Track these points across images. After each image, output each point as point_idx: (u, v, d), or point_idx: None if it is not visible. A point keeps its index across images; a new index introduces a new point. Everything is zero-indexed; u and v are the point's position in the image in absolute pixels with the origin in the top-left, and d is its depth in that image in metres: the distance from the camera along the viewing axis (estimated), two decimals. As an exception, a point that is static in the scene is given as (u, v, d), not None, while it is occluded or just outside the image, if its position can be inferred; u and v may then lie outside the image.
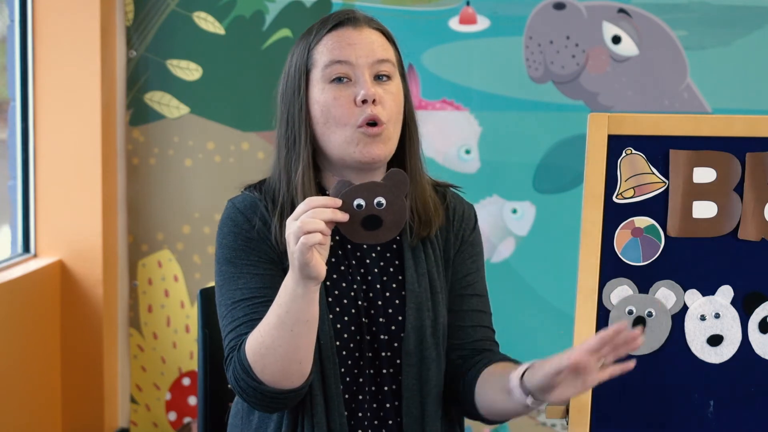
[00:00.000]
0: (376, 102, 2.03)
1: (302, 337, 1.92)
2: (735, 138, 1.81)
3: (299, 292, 1.88)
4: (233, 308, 2.03)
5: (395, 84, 2.08)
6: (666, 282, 1.82)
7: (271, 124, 4.25)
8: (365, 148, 2.03)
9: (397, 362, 2.08)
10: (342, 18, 2.09)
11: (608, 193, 1.81)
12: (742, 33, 3.98)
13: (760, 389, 1.83)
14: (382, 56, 2.07)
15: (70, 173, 3.97)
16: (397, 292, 2.10)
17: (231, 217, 2.09)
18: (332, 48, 2.06)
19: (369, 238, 1.87)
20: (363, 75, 2.05)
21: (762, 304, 1.83)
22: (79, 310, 3.99)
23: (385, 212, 1.85)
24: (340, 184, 1.86)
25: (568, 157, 4.03)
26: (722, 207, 1.81)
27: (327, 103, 2.05)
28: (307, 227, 1.82)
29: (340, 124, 2.04)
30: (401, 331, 2.08)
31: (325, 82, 2.06)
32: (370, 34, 2.09)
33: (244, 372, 1.96)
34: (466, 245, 2.18)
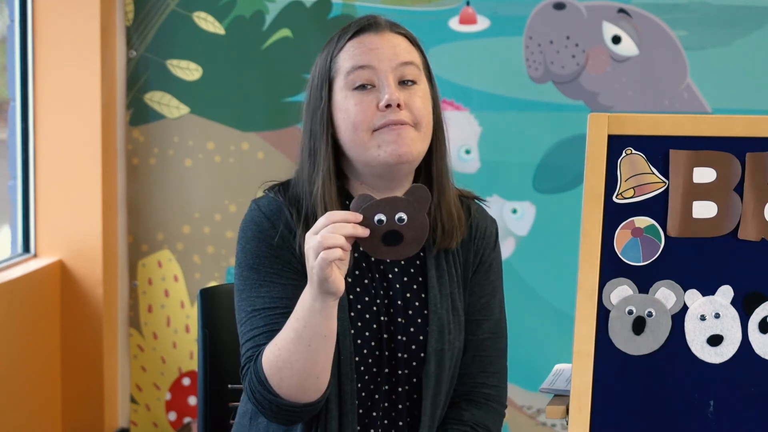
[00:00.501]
0: (401, 106, 1.98)
1: (320, 352, 1.90)
2: (735, 138, 1.81)
3: (317, 307, 1.86)
4: (253, 316, 2.01)
5: (422, 88, 2.04)
6: (666, 282, 1.82)
7: (271, 124, 4.28)
8: (389, 148, 1.98)
9: (413, 381, 2.07)
10: (363, 24, 2.04)
11: (608, 193, 1.81)
12: (742, 33, 3.98)
13: (760, 389, 1.83)
14: (405, 59, 2.02)
15: (70, 173, 3.97)
16: (419, 311, 2.07)
17: (256, 221, 2.06)
18: (354, 54, 2.01)
19: (389, 254, 1.84)
20: (387, 79, 2.00)
21: (762, 304, 1.83)
22: (79, 310, 3.99)
23: (406, 228, 1.83)
24: (360, 198, 1.83)
25: (568, 157, 4.03)
26: (722, 207, 1.81)
27: (350, 110, 2.00)
28: (327, 242, 1.80)
29: (363, 130, 1.99)
30: (421, 350, 2.06)
31: (348, 89, 2.01)
32: (392, 38, 2.03)
33: (261, 384, 1.95)
34: (485, 266, 2.15)
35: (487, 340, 2.14)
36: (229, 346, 2.37)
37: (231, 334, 2.36)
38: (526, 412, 4.13)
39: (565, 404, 1.91)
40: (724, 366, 1.83)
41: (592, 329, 1.82)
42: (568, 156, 4.03)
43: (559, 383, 2.08)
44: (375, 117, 1.99)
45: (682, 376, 1.83)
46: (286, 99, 4.10)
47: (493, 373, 2.15)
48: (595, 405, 1.83)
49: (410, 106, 2.00)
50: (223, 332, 2.39)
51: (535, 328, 4.05)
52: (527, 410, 4.13)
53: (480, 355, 2.14)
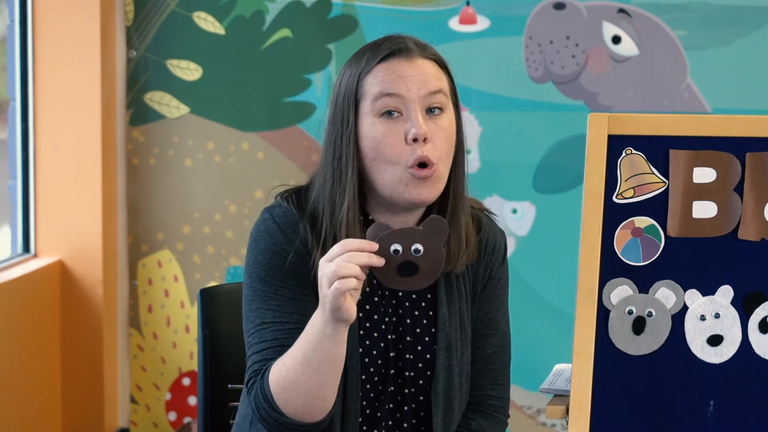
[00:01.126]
0: (427, 140, 1.95)
1: (328, 375, 1.89)
2: (735, 138, 1.81)
3: (328, 332, 1.85)
4: (262, 329, 2.00)
5: (447, 117, 2.00)
6: (666, 282, 1.82)
7: (271, 124, 4.28)
8: (414, 190, 1.96)
9: (420, 399, 2.06)
10: (394, 48, 1.99)
11: (608, 193, 1.81)
12: (742, 33, 3.98)
13: (760, 389, 1.83)
14: (434, 88, 1.99)
15: (70, 173, 3.97)
16: (426, 329, 2.07)
17: (270, 233, 2.02)
18: (383, 80, 1.97)
19: (403, 285, 1.82)
20: (414, 110, 1.96)
21: (762, 304, 1.83)
22: (79, 310, 3.99)
23: (421, 259, 1.81)
24: (377, 227, 1.82)
25: (568, 157, 4.03)
26: (722, 207, 1.81)
27: (376, 139, 1.96)
28: (341, 272, 1.78)
29: (390, 162, 1.96)
30: (428, 369, 2.05)
31: (375, 115, 1.97)
32: (422, 65, 2.00)
33: (266, 402, 1.94)
34: (494, 281, 2.14)
35: (494, 354, 2.14)
36: (229, 346, 2.37)
37: (231, 334, 2.36)
38: (526, 412, 4.13)
39: (565, 404, 1.91)
40: (724, 366, 1.83)
41: (592, 329, 1.82)
42: (568, 156, 4.03)
43: (559, 383, 2.08)
44: (404, 153, 1.96)
45: (682, 376, 1.83)
46: (286, 99, 4.10)
47: (500, 385, 2.15)
48: (595, 405, 1.83)
49: (435, 140, 1.97)
50: (223, 332, 2.38)
51: (535, 328, 4.05)
52: (527, 410, 4.13)
53: (487, 368, 2.14)
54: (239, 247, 4.10)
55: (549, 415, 1.93)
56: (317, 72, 4.08)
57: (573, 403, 1.83)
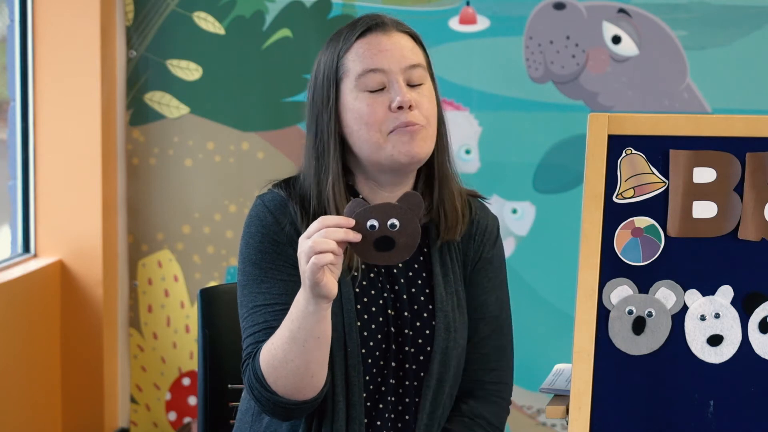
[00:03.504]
0: (412, 107, 2.02)
1: (314, 352, 1.93)
2: (735, 138, 1.81)
3: (310, 309, 1.89)
4: (254, 312, 2.04)
5: (428, 87, 2.07)
6: (666, 282, 1.82)
7: (271, 124, 4.27)
8: (404, 147, 2.01)
9: (421, 375, 2.08)
10: (370, 24, 2.06)
11: (608, 193, 1.81)
12: (742, 33, 3.98)
13: (760, 389, 1.83)
14: (414, 61, 2.05)
15: (70, 173, 3.97)
16: (424, 305, 2.09)
17: (259, 216, 2.07)
18: (364, 56, 2.04)
19: (380, 260, 1.86)
20: (397, 81, 2.02)
21: (762, 304, 1.83)
22: (79, 310, 3.99)
23: (398, 234, 1.84)
24: (354, 203, 1.85)
25: (568, 157, 4.03)
26: (722, 207, 1.81)
27: (361, 111, 2.02)
28: (318, 247, 1.82)
29: (375, 130, 2.02)
30: (428, 345, 2.07)
31: (360, 90, 2.03)
32: (399, 39, 2.06)
33: (258, 382, 1.98)
34: (484, 262, 2.16)
35: (486, 338, 2.15)
36: (229, 346, 2.37)
37: (231, 334, 2.37)
38: (526, 412, 4.13)
39: (565, 404, 1.91)
40: (724, 366, 1.83)
41: (592, 329, 1.82)
42: (568, 156, 4.03)
43: (559, 383, 2.08)
44: (387, 118, 2.02)
45: (682, 376, 1.83)
46: (286, 99, 4.10)
47: (492, 370, 2.16)
48: (595, 405, 1.83)
49: (419, 107, 2.03)
50: (223, 332, 2.39)
51: (535, 328, 4.05)
52: (527, 410, 4.13)
53: (478, 353, 2.15)
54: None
55: (549, 415, 1.93)
56: (317, 72, 4.07)
57: (573, 403, 1.83)
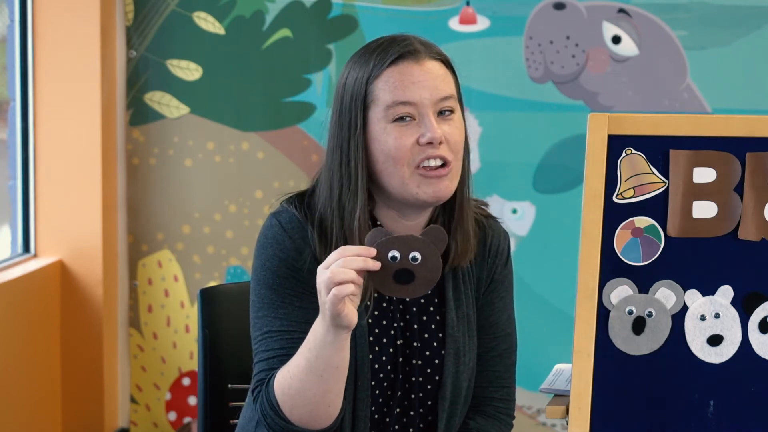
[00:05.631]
0: (443, 142, 1.95)
1: (331, 382, 1.89)
2: (735, 138, 1.81)
3: (329, 339, 1.84)
4: (269, 337, 1.99)
5: (457, 116, 2.00)
6: (666, 282, 1.82)
7: (271, 123, 4.27)
8: (430, 188, 1.95)
9: (428, 403, 2.06)
10: (402, 51, 1.98)
11: (608, 193, 1.81)
12: (742, 33, 3.98)
13: (760, 389, 1.83)
14: (446, 93, 1.98)
15: (70, 173, 3.97)
16: (434, 333, 2.06)
17: (277, 240, 2.00)
18: (395, 86, 1.96)
19: (399, 292, 1.82)
20: (428, 114, 1.95)
21: (762, 304, 1.83)
22: (79, 310, 3.99)
23: (419, 267, 1.80)
24: (375, 232, 1.81)
25: (568, 157, 4.03)
26: (722, 207, 1.81)
27: (389, 143, 1.95)
28: (337, 278, 1.77)
29: (403, 165, 1.95)
30: (436, 374, 2.05)
31: (387, 121, 1.95)
32: (431, 68, 1.99)
33: (272, 410, 1.93)
34: (496, 284, 2.14)
35: (497, 357, 2.13)
36: (229, 346, 2.37)
37: (231, 334, 2.37)
38: (526, 412, 4.13)
39: (565, 404, 1.91)
40: (724, 366, 1.83)
41: (592, 329, 1.82)
42: (568, 156, 4.03)
43: (559, 383, 2.08)
44: (415, 152, 1.95)
45: (682, 376, 1.83)
46: (286, 99, 4.10)
47: (503, 387, 2.14)
48: (595, 405, 1.83)
49: (449, 141, 1.97)
50: (223, 332, 2.38)
51: (535, 328, 4.05)
52: (527, 410, 4.13)
53: (490, 371, 2.13)
54: (239, 247, 4.10)
55: (549, 415, 1.93)
56: (317, 72, 4.08)
57: (573, 403, 1.83)
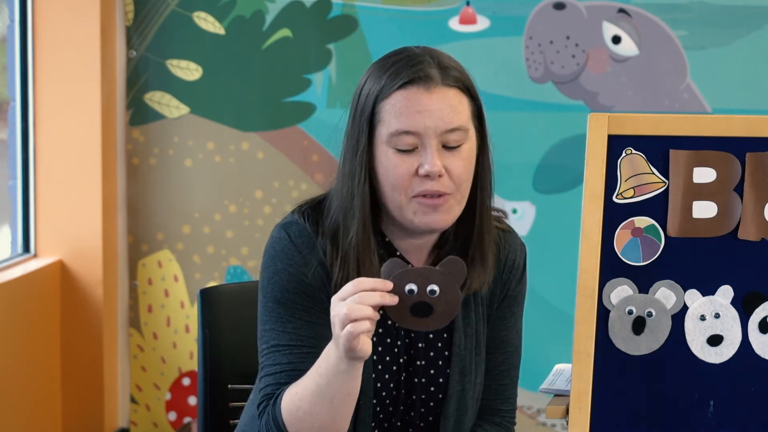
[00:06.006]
0: (442, 175, 1.91)
1: (341, 408, 1.86)
2: (735, 138, 1.81)
3: (342, 368, 1.81)
4: (277, 351, 1.96)
5: (467, 147, 1.96)
6: (666, 282, 1.82)
7: (271, 123, 4.27)
8: (425, 218, 1.92)
9: (429, 419, 2.04)
10: (413, 76, 1.93)
11: (608, 193, 1.81)
12: (742, 33, 3.98)
13: (760, 389, 1.83)
14: (453, 125, 1.93)
15: (70, 173, 3.97)
16: (440, 353, 2.03)
17: (286, 253, 1.97)
18: (400, 113, 1.91)
19: (416, 325, 1.78)
20: (430, 146, 1.91)
21: (762, 304, 1.83)
22: (79, 310, 3.99)
23: (437, 301, 1.76)
24: (392, 263, 1.77)
25: (568, 157, 4.03)
26: (722, 207, 1.81)
27: (388, 169, 1.91)
28: (354, 315, 1.74)
29: (399, 192, 1.91)
30: (439, 392, 2.03)
31: (389, 147, 1.91)
32: (443, 97, 1.94)
33: (278, 429, 1.91)
34: (509, 299, 2.12)
35: (505, 371, 2.11)
36: (229, 346, 2.37)
37: (231, 334, 2.36)
38: (526, 412, 4.13)
39: (565, 404, 1.91)
40: (724, 366, 1.83)
41: (592, 329, 1.82)
42: (568, 156, 4.03)
43: (559, 383, 2.08)
44: (413, 182, 1.91)
45: (682, 376, 1.83)
46: (286, 99, 4.10)
47: (509, 398, 2.13)
48: (595, 405, 1.83)
49: (450, 173, 1.93)
50: (223, 332, 2.38)
51: (535, 328, 4.04)
52: (527, 410, 4.13)
53: (496, 384, 2.11)
54: (239, 247, 4.09)
55: (549, 415, 1.93)
56: (317, 72, 4.08)
57: (573, 403, 1.83)
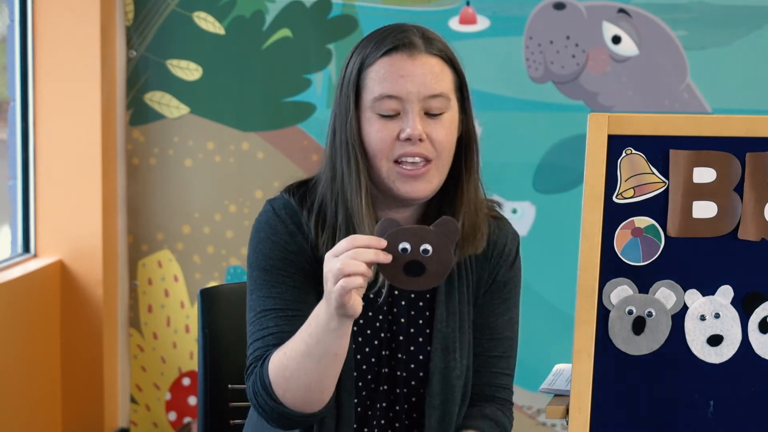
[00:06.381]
0: (423, 140, 1.94)
1: (329, 368, 1.89)
2: (735, 138, 1.81)
3: (332, 326, 1.83)
4: (263, 316, 1.99)
5: (448, 116, 1.99)
6: (666, 282, 1.82)
7: (271, 123, 4.27)
8: (405, 185, 1.96)
9: (412, 400, 2.05)
10: (397, 43, 1.96)
11: (608, 193, 1.81)
12: (742, 33, 3.98)
13: (760, 389, 1.84)
14: (435, 91, 1.96)
15: (70, 173, 3.97)
16: (421, 329, 2.05)
17: (270, 224, 2.02)
18: (383, 78, 1.95)
19: (409, 284, 1.80)
20: (412, 110, 1.94)
21: (762, 304, 1.83)
22: (79, 310, 3.99)
23: (430, 260, 1.77)
24: (386, 222, 1.78)
25: (568, 157, 4.03)
26: (722, 207, 1.81)
27: (371, 135, 1.96)
28: (347, 269, 1.76)
29: (382, 157, 1.95)
30: (421, 370, 2.04)
31: (373, 112, 1.96)
32: (425, 63, 1.97)
33: (264, 390, 1.94)
34: (498, 285, 2.11)
35: (495, 358, 2.11)
36: (229, 346, 2.37)
37: (231, 334, 2.37)
38: (526, 412, 4.13)
39: (565, 404, 1.91)
40: (724, 366, 1.83)
41: (592, 329, 1.82)
42: (568, 156, 4.03)
43: (559, 383, 2.08)
44: (395, 146, 1.95)
45: (682, 376, 1.83)
46: (286, 99, 4.10)
47: (502, 387, 2.12)
48: (595, 405, 1.83)
49: (431, 139, 1.96)
50: (223, 332, 2.39)
51: (535, 328, 4.05)
52: (527, 410, 4.13)
53: (487, 372, 2.11)
54: (239, 247, 4.09)
55: (549, 415, 1.93)
56: (317, 72, 4.08)
57: (573, 403, 1.83)
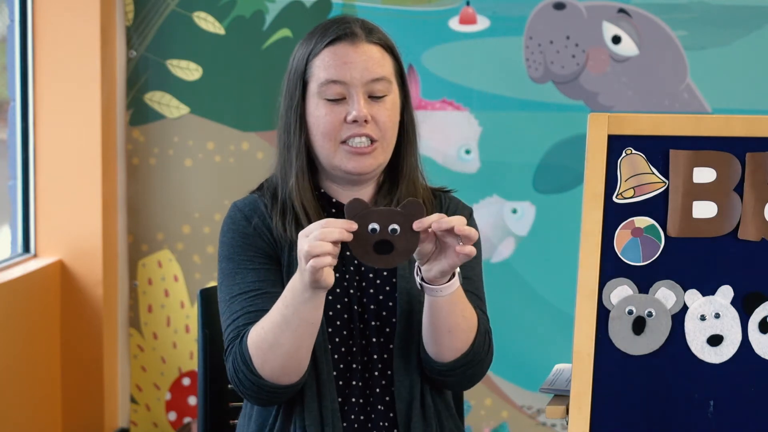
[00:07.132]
0: (368, 121, 2.09)
1: (305, 337, 2.00)
2: (735, 138, 1.81)
3: (306, 296, 1.96)
4: (231, 303, 2.10)
5: (390, 99, 2.13)
6: (666, 282, 1.82)
7: (271, 124, 4.26)
8: (352, 162, 2.10)
9: (390, 347, 2.13)
10: (340, 33, 2.12)
11: (608, 193, 1.81)
12: (742, 33, 3.98)
13: (760, 389, 1.84)
14: (377, 75, 2.11)
15: (70, 173, 3.97)
16: (387, 279, 2.14)
17: (231, 216, 2.20)
18: (328, 65, 2.11)
19: (379, 262, 1.93)
20: (357, 94, 2.10)
21: (762, 304, 1.83)
22: (79, 310, 3.99)
23: (397, 239, 1.92)
24: (355, 203, 1.92)
25: (568, 157, 4.03)
26: (722, 207, 1.81)
27: (319, 119, 2.12)
28: (315, 251, 1.89)
29: (329, 139, 2.11)
30: (393, 316, 2.13)
31: (320, 98, 2.12)
32: (366, 51, 2.12)
33: (244, 364, 2.02)
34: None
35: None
36: (229, 346, 2.37)
37: (231, 334, 2.37)
38: (526, 412, 4.13)
39: (565, 404, 1.91)
40: (724, 366, 1.84)
41: (592, 329, 1.82)
42: (568, 156, 4.03)
43: (559, 383, 2.08)
44: (342, 129, 2.10)
45: (682, 376, 1.83)
46: (286, 99, 4.10)
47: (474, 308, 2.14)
48: (595, 405, 1.83)
49: (376, 120, 2.11)
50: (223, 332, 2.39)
51: (535, 328, 4.05)
52: (527, 410, 4.13)
53: None
54: (239, 247, 4.09)
55: (549, 415, 1.93)
56: (317, 72, 4.07)
57: (573, 403, 1.83)
